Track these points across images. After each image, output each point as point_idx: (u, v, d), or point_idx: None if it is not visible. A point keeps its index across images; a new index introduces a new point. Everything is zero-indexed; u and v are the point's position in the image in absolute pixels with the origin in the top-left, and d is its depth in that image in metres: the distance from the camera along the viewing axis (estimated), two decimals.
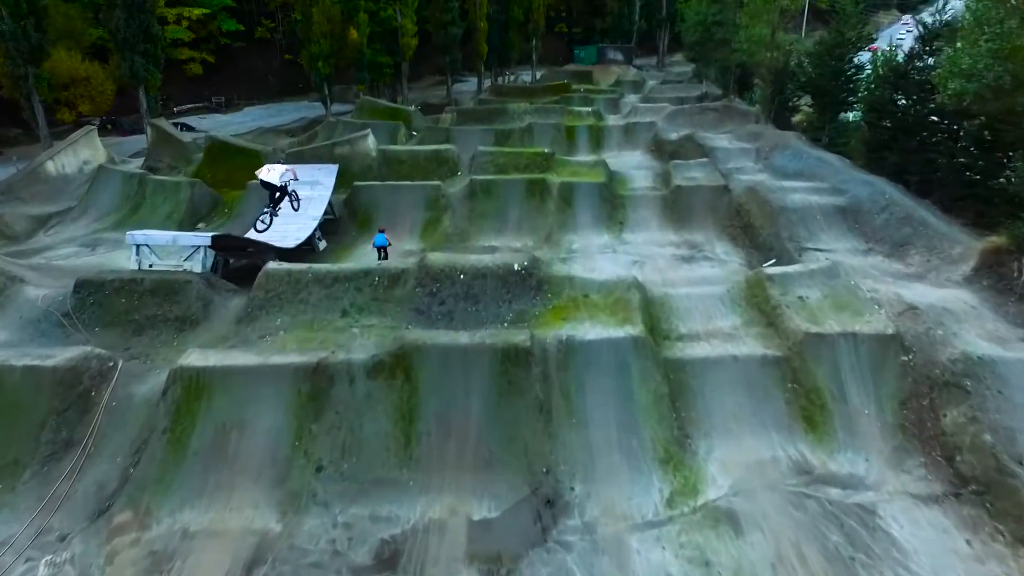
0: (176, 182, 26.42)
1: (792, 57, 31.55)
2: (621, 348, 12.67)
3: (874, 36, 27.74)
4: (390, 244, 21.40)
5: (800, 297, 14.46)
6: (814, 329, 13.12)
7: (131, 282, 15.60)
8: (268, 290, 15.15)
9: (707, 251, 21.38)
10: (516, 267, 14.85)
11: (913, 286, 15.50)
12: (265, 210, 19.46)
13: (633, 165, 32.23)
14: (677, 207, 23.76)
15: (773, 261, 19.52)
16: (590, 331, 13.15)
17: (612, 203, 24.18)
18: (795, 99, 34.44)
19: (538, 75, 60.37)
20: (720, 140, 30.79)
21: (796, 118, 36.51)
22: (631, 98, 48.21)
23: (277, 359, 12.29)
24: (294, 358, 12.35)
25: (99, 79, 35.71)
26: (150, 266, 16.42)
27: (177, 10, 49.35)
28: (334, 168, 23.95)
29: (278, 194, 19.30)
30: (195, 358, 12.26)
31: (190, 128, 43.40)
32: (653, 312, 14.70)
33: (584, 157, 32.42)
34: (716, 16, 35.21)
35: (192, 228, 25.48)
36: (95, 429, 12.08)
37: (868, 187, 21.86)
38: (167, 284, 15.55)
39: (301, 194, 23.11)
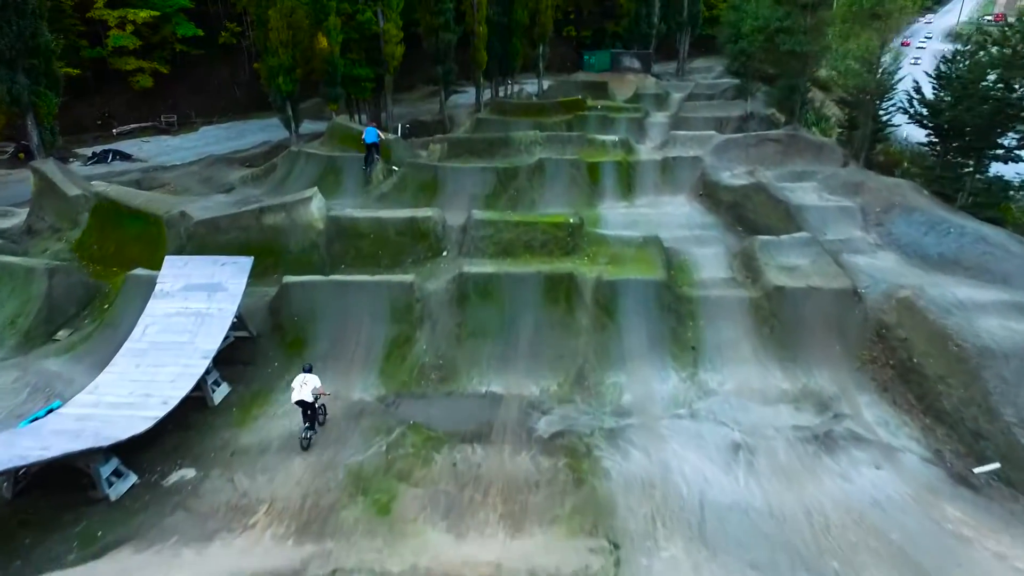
0: (28, 268, 17.28)
1: (892, 78, 22.41)
2: None
3: None
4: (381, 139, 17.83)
5: None
6: None
7: None
8: None
9: (850, 419, 12.31)
10: None
11: None
12: (306, 429, 12.22)
13: (680, 222, 23.19)
14: (778, 321, 14.72)
15: (995, 467, 10.53)
16: None
17: (676, 311, 15.13)
18: (886, 132, 25.36)
19: (545, 85, 51.07)
20: (805, 192, 21.68)
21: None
22: (657, 117, 38.96)
23: None
24: None
25: None
26: None
27: (120, 12, 39.99)
28: (246, 263, 14.84)
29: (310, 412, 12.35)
30: None
31: (125, 157, 34.28)
32: None
33: (616, 222, 23.38)
34: (783, 22, 26.04)
35: (49, 337, 16.52)
36: None
37: None
38: None
39: (191, 306, 14.16)
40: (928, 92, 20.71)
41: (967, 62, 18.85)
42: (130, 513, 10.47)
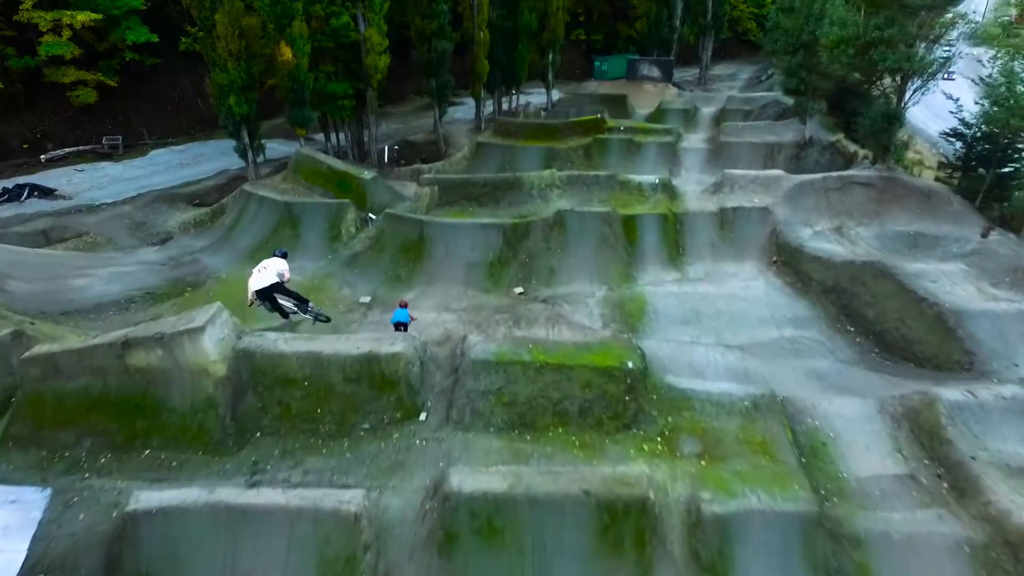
0: None
1: None
2: None
3: None
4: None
5: None
6: None
7: None
8: None
9: None
10: None
11: None
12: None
13: (759, 312, 16.13)
14: None
15: None
16: None
17: (840, 573, 8.02)
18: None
19: (555, 97, 43.70)
20: (954, 281, 14.47)
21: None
22: (692, 141, 31.77)
23: None
24: None
25: None
26: None
27: (54, 15, 32.54)
28: (33, 504, 7.63)
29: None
30: None
31: (46, 193, 26.95)
32: None
33: (669, 310, 16.27)
34: (883, 31, 18.79)
35: None
36: None
37: None
38: None
39: None
40: None
41: None
42: None
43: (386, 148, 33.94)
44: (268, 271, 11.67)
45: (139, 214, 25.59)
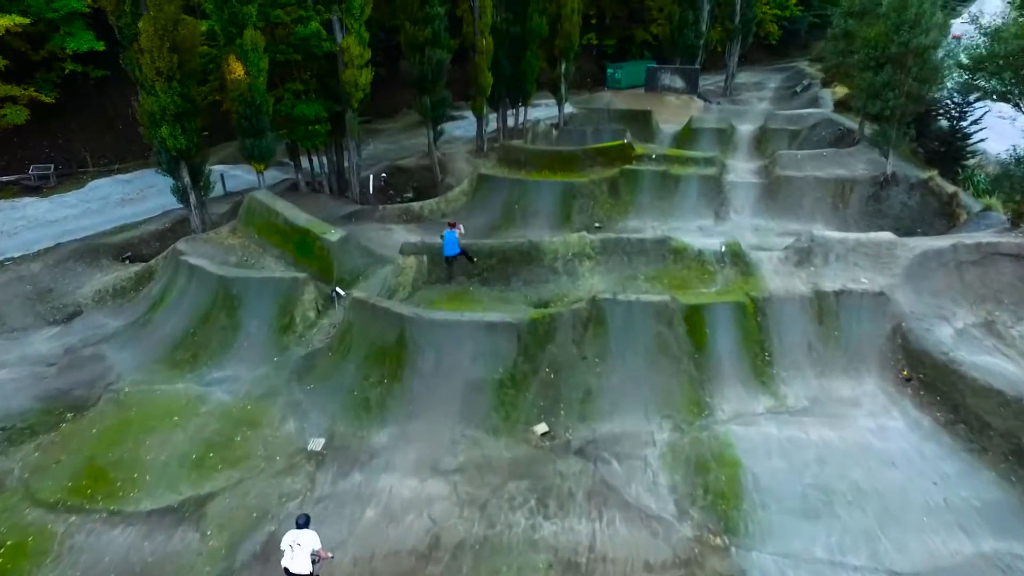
0: None
1: None
2: None
3: None
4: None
5: None
6: None
7: None
8: None
9: None
10: None
11: None
12: None
13: (932, 497, 10.95)
14: None
15: None
16: None
17: None
18: None
19: (567, 110, 37.36)
20: None
21: None
22: (739, 172, 25.57)
23: None
24: None
25: None
26: None
27: None
28: None
29: None
30: None
31: None
32: None
33: (776, 484, 10.14)
34: None
35: None
36: None
37: None
38: None
39: None
40: None
41: None
42: None
43: (371, 177, 27.79)
44: (303, 549, 8.47)
45: (48, 275, 19.46)
